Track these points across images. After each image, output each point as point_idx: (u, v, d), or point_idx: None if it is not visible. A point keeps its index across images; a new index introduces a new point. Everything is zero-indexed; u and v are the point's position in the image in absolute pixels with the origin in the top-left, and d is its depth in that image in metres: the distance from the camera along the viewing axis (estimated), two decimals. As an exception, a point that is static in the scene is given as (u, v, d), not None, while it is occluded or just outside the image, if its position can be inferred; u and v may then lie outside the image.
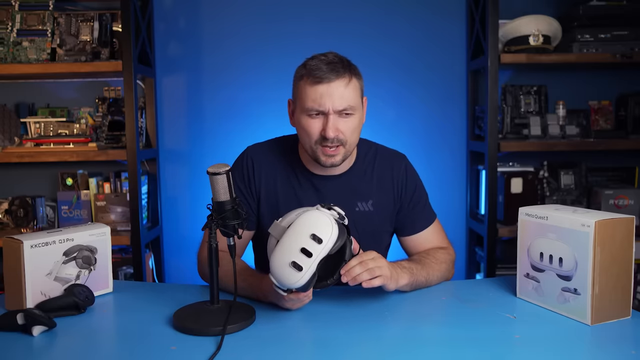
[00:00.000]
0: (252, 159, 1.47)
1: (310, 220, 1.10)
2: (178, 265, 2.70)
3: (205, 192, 1.72)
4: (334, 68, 1.29)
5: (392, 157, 1.52)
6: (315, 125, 1.32)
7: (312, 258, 1.07)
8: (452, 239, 1.57)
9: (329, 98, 1.29)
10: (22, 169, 2.64)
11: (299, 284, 1.09)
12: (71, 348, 1.08)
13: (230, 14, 2.61)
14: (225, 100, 2.64)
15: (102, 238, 1.35)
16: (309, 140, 1.35)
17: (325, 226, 1.09)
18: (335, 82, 1.29)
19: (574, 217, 1.15)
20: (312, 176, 1.45)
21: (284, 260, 1.08)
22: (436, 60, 2.64)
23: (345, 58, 1.36)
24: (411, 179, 1.51)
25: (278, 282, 1.11)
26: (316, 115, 1.32)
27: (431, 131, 2.67)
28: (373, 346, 1.05)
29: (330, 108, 1.30)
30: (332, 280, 1.18)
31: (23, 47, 2.38)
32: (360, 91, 1.36)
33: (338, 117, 1.31)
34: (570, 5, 2.49)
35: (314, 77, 1.29)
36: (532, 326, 1.15)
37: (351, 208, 1.43)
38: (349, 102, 1.31)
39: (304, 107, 1.32)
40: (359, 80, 1.36)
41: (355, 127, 1.35)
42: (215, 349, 1.02)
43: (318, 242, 1.08)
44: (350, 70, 1.33)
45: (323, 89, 1.29)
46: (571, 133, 2.49)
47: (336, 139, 1.32)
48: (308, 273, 1.08)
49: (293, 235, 1.10)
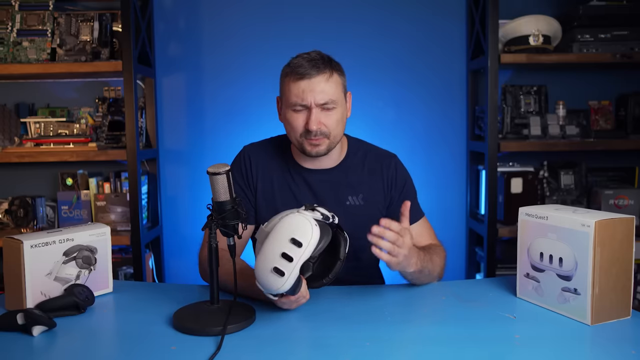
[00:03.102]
0: (249, 156, 1.53)
1: (290, 225, 1.11)
2: (178, 265, 2.70)
3: (205, 192, 1.72)
4: (315, 64, 1.37)
5: (382, 155, 1.57)
6: (299, 119, 1.39)
7: (293, 262, 1.08)
8: (452, 239, 1.58)
9: (310, 93, 1.37)
10: (22, 169, 2.64)
11: (283, 289, 1.09)
12: (71, 348, 1.08)
13: (230, 14, 2.61)
14: (225, 100, 2.64)
15: (102, 238, 1.35)
16: (294, 133, 1.42)
17: (305, 229, 1.10)
18: (317, 77, 1.37)
19: (574, 217, 1.15)
20: (303, 170, 1.51)
21: (266, 266, 1.09)
22: (436, 60, 2.64)
23: (328, 56, 1.43)
24: (401, 175, 1.56)
25: (263, 288, 1.11)
26: (300, 109, 1.39)
27: (431, 131, 2.67)
28: (373, 346, 1.05)
29: (312, 102, 1.37)
30: (327, 279, 1.19)
31: (23, 47, 2.38)
32: (342, 86, 1.43)
33: (320, 111, 1.39)
34: (570, 5, 2.49)
35: (296, 74, 1.37)
36: (532, 326, 1.15)
37: (342, 201, 1.49)
38: (330, 96, 1.38)
39: (289, 102, 1.40)
40: (340, 76, 1.43)
41: (338, 120, 1.41)
42: (215, 349, 1.02)
43: (298, 246, 1.08)
44: (332, 66, 1.40)
45: (305, 84, 1.37)
46: (571, 133, 2.49)
47: (319, 132, 1.39)
48: (291, 278, 1.08)
49: (273, 241, 1.10)
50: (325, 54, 1.42)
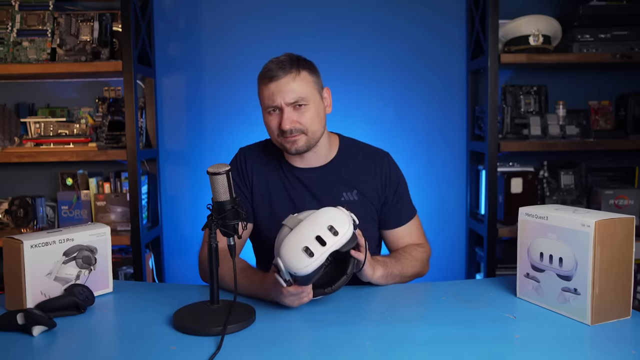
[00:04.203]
0: (245, 157, 1.58)
1: (330, 214, 1.17)
2: (178, 265, 2.70)
3: (205, 192, 1.72)
4: (281, 66, 1.41)
5: (374, 153, 1.60)
6: (274, 121, 1.44)
7: (325, 247, 1.12)
8: (452, 239, 1.58)
9: (279, 93, 1.41)
10: (22, 169, 2.64)
11: (306, 270, 1.11)
12: (71, 348, 1.08)
13: (230, 14, 2.61)
14: (225, 100, 2.64)
15: (102, 238, 1.35)
16: (273, 135, 1.48)
17: (343, 222, 1.16)
18: (284, 78, 1.41)
19: (574, 217, 1.15)
20: (295, 170, 1.54)
21: (299, 244, 1.13)
22: (436, 60, 2.64)
23: (297, 56, 1.47)
24: (394, 173, 1.57)
25: (286, 266, 1.13)
26: (273, 111, 1.44)
27: (431, 131, 2.67)
28: (373, 346, 1.05)
29: (282, 102, 1.41)
30: (329, 289, 1.21)
31: (23, 47, 2.38)
32: (312, 83, 1.45)
33: (293, 110, 1.42)
34: (570, 5, 2.49)
35: (265, 77, 1.43)
36: (532, 326, 1.15)
37: (337, 198, 1.51)
38: (300, 94, 1.41)
39: (263, 106, 1.46)
40: (310, 74, 1.45)
41: (312, 117, 1.44)
42: (215, 349, 1.02)
43: (334, 234, 1.13)
44: (299, 65, 1.44)
45: (274, 86, 1.41)
46: (571, 133, 2.49)
47: (294, 130, 1.42)
48: (317, 261, 1.12)
49: (311, 224, 1.15)
50: (295, 55, 1.46)
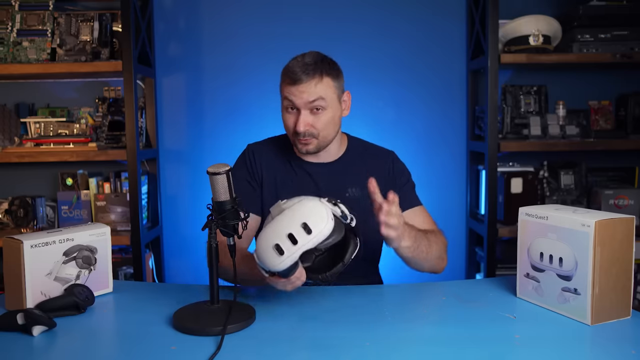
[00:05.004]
0: (253, 152, 1.60)
1: (307, 209, 1.08)
2: (178, 265, 2.70)
3: (205, 192, 1.72)
4: (305, 70, 1.42)
5: (380, 151, 1.64)
6: (291, 120, 1.47)
7: (296, 247, 1.05)
8: (452, 239, 1.58)
9: (299, 95, 1.43)
10: (22, 169, 2.64)
11: (277, 268, 1.07)
12: (71, 348, 1.08)
13: (230, 14, 2.61)
14: (225, 100, 2.64)
15: (102, 238, 1.35)
16: (288, 131, 1.51)
17: (320, 219, 1.07)
18: (306, 82, 1.42)
19: (574, 217, 1.15)
20: (304, 163, 1.57)
21: (270, 241, 1.07)
22: (436, 60, 2.64)
23: (323, 57, 1.47)
24: (399, 170, 1.61)
25: (259, 262, 1.10)
26: (291, 109, 1.46)
27: (431, 131, 2.67)
28: (373, 346, 1.05)
29: (301, 105, 1.44)
30: (323, 276, 1.16)
31: (23, 47, 2.38)
32: (334, 88, 1.47)
33: (310, 113, 1.45)
34: (570, 5, 2.49)
35: (288, 78, 1.44)
36: (532, 326, 1.15)
37: (342, 193, 1.53)
38: (318, 99, 1.43)
39: (283, 102, 1.49)
40: (333, 79, 1.46)
41: (327, 121, 1.46)
42: (215, 349, 1.02)
43: (307, 232, 1.05)
44: (322, 70, 1.44)
45: (295, 89, 1.43)
46: (571, 133, 2.49)
47: (307, 133, 1.45)
48: (288, 260, 1.06)
49: (285, 219, 1.08)
50: (321, 57, 1.47)
